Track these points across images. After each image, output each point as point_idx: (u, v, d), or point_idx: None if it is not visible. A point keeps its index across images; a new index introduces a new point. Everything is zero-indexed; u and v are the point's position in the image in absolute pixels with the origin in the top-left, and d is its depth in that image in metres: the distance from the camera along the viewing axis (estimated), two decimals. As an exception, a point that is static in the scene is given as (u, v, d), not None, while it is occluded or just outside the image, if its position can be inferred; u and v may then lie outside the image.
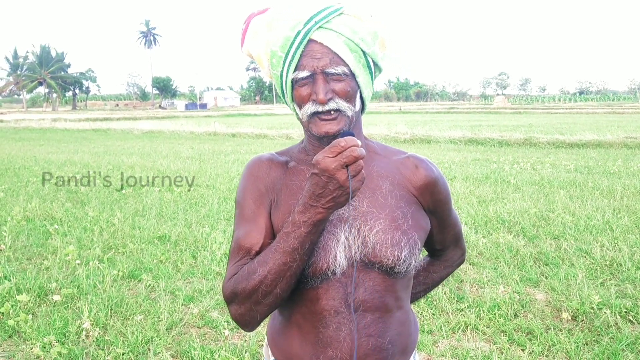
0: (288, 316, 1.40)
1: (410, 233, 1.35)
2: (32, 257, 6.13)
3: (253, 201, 1.39)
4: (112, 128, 32.29)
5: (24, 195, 9.80)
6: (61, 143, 22.65)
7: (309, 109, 1.29)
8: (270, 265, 1.23)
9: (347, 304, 1.33)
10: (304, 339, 1.37)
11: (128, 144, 21.65)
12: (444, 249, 1.61)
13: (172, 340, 4.09)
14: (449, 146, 18.97)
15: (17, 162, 15.22)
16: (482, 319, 4.32)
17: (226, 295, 1.33)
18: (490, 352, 3.77)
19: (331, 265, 1.30)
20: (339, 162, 1.13)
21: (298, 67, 1.28)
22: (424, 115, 50.79)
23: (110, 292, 4.91)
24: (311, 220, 1.19)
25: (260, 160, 1.44)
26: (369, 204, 1.35)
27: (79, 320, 4.36)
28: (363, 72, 1.32)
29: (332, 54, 1.27)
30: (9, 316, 4.43)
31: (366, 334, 1.33)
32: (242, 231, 1.37)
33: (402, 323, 1.41)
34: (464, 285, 5.02)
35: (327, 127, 1.29)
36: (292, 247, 1.21)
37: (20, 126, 36.48)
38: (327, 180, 1.15)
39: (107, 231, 7.06)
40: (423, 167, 1.42)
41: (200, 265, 5.71)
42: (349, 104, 1.30)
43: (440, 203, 1.46)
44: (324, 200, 1.17)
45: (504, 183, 10.41)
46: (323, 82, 1.27)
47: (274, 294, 1.26)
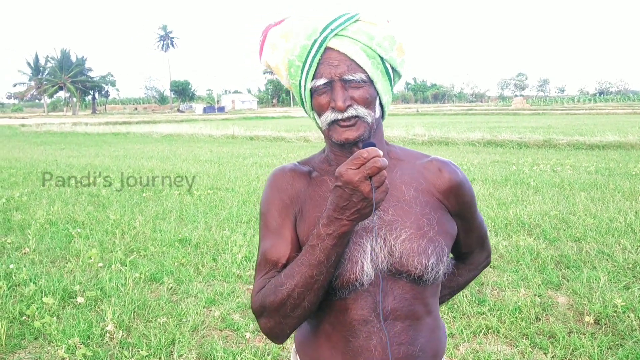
0: (316, 325, 1.40)
1: (437, 240, 1.34)
2: (56, 260, 6.22)
3: (278, 213, 1.39)
4: (131, 131, 32.58)
5: (47, 198, 9.93)
6: (82, 147, 22.91)
7: (329, 117, 1.30)
8: (297, 278, 1.24)
9: (377, 313, 1.33)
10: (333, 348, 1.37)
11: (148, 148, 21.83)
12: (470, 252, 1.60)
13: (195, 342, 4.12)
14: (468, 148, 18.87)
15: (39, 165, 15.42)
16: (503, 322, 4.30)
17: (255, 309, 1.33)
18: (512, 356, 3.76)
19: (358, 276, 1.30)
20: (362, 173, 1.13)
21: (316, 76, 1.29)
22: (441, 117, 50.58)
23: (133, 295, 4.97)
24: (336, 233, 1.19)
25: (283, 171, 1.44)
26: (394, 213, 1.34)
27: (103, 322, 4.42)
28: (381, 78, 1.32)
29: (350, 61, 1.27)
30: (35, 318, 4.50)
31: (397, 342, 1.34)
32: (268, 244, 1.38)
33: (431, 329, 1.41)
34: (485, 289, 5.01)
35: (346, 134, 1.29)
36: (318, 260, 1.22)
37: (41, 130, 36.94)
38: (351, 193, 1.14)
39: (128, 234, 7.14)
40: (447, 170, 1.41)
41: (221, 268, 5.75)
42: (368, 110, 1.30)
43: (466, 206, 1.45)
44: (349, 213, 1.17)
45: (524, 185, 10.34)
46: (341, 89, 1.27)
47: (302, 307, 1.26)
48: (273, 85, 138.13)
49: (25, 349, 4.11)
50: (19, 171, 14.17)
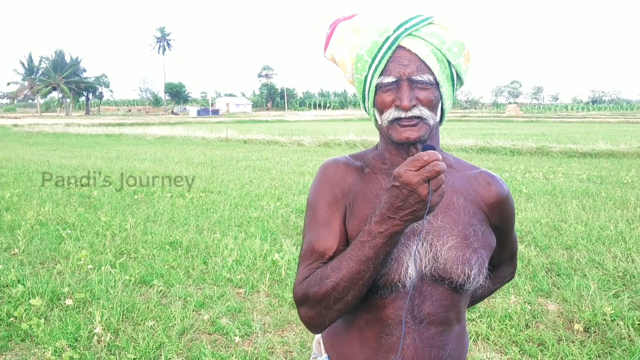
0: (351, 319, 1.41)
1: (480, 252, 1.35)
2: (45, 261, 6.18)
3: (328, 205, 1.39)
4: (124, 133, 32.48)
5: (37, 199, 9.88)
6: (74, 148, 22.82)
7: (391, 115, 1.30)
8: (344, 272, 1.24)
9: (413, 315, 1.35)
10: (365, 343, 1.38)
11: (140, 150, 21.77)
12: (499, 266, 1.62)
13: (183, 346, 4.10)
14: (461, 154, 18.89)
15: (30, 166, 15.34)
16: (493, 329, 4.30)
17: (297, 298, 1.34)
18: (501, 363, 3.75)
19: (402, 277, 1.31)
20: (421, 176, 1.12)
21: (384, 73, 1.29)
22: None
23: (122, 297, 4.94)
24: (388, 232, 1.19)
25: (337, 164, 1.44)
26: (443, 219, 1.35)
27: (91, 325, 4.38)
28: (447, 82, 1.33)
29: (420, 61, 1.28)
30: (22, 320, 4.47)
31: (429, 344, 1.36)
32: (315, 234, 1.38)
33: (459, 336, 1.44)
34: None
35: (407, 133, 1.30)
36: (367, 257, 1.22)
37: (34, 131, 36.79)
38: (408, 194, 1.14)
39: (119, 236, 7.11)
40: (495, 184, 1.44)
41: (212, 272, 5.72)
42: (432, 112, 1.31)
43: (507, 221, 1.48)
44: (403, 213, 1.17)
45: (516, 192, 10.36)
46: (408, 88, 1.28)
47: (344, 301, 1.27)
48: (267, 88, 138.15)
49: (12, 351, 4.08)
50: (10, 171, 14.08)
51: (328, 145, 22.49)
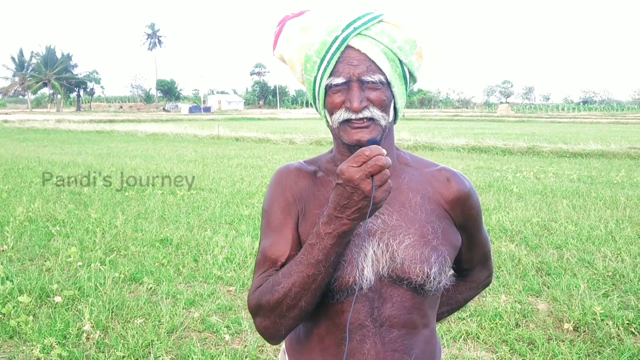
0: (310, 327, 1.38)
1: (440, 249, 1.31)
2: (34, 258, 6.14)
3: (280, 211, 1.37)
4: (115, 130, 32.33)
5: (27, 195, 9.80)
6: (65, 144, 22.69)
7: (341, 116, 1.27)
8: (295, 277, 1.21)
9: (373, 319, 1.30)
10: (325, 350, 1.35)
11: (131, 146, 21.67)
12: (471, 269, 1.56)
13: (173, 344, 4.08)
14: (452, 154, 18.95)
15: (20, 162, 15.24)
16: (483, 328, 4.30)
17: (251, 308, 1.31)
18: (491, 362, 3.76)
19: (358, 279, 1.27)
20: (363, 171, 1.10)
21: (333, 73, 1.26)
22: (427, 122, 50.77)
23: (112, 295, 4.91)
24: (336, 232, 1.16)
25: (288, 169, 1.42)
26: (399, 218, 1.32)
27: (80, 322, 4.35)
28: (399, 82, 1.29)
29: (370, 61, 1.24)
30: (10, 317, 4.43)
31: (392, 349, 1.31)
32: (268, 242, 1.35)
33: (427, 341, 1.39)
34: (466, 294, 5.01)
35: (359, 135, 1.26)
36: (317, 259, 1.18)
37: (24, 126, 36.54)
38: (352, 191, 1.11)
39: (109, 233, 7.07)
40: (455, 181, 1.40)
41: (202, 269, 5.70)
42: (383, 113, 1.27)
43: (471, 219, 1.42)
44: (349, 212, 1.14)
45: (507, 192, 10.40)
46: (358, 89, 1.24)
47: (298, 307, 1.23)
48: (260, 86, 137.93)
49: (0, 348, 4.04)
50: (0, 167, 13.99)
51: (320, 144, 22.46)
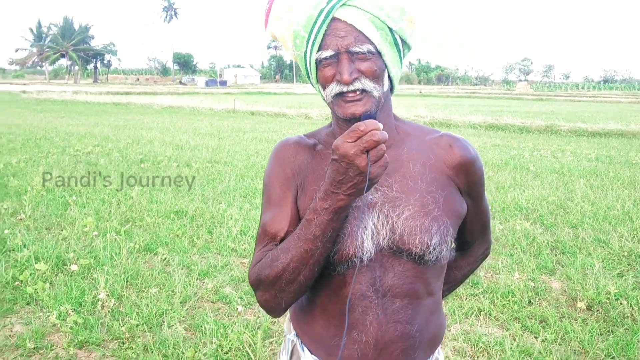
0: (313, 299, 1.37)
1: (442, 219, 1.29)
2: (51, 227, 6.21)
3: (279, 186, 1.36)
4: (132, 102, 32.43)
5: (44, 165, 9.90)
6: (82, 116, 22.80)
7: (333, 90, 1.24)
8: (293, 252, 1.21)
9: (375, 289, 1.29)
10: (328, 321, 1.34)
11: (148, 119, 21.74)
12: (472, 241, 1.53)
13: (186, 313, 4.12)
14: (469, 131, 18.80)
15: (38, 132, 15.36)
16: (495, 305, 4.30)
17: (251, 282, 1.31)
18: (502, 338, 3.76)
19: (358, 252, 1.26)
20: (358, 147, 1.08)
21: (322, 47, 1.23)
22: (444, 99, 50.35)
23: (126, 264, 4.96)
24: (332, 208, 1.15)
25: (287, 144, 1.41)
26: (398, 189, 1.29)
27: (95, 290, 4.41)
28: (390, 50, 1.26)
29: (357, 32, 1.22)
30: (27, 284, 4.50)
31: (394, 319, 1.30)
32: (268, 216, 1.35)
33: (431, 312, 1.37)
34: (479, 271, 5.00)
35: (352, 109, 1.24)
36: (314, 235, 1.18)
37: (42, 97, 36.76)
38: (347, 167, 1.10)
39: (124, 204, 7.12)
40: (458, 146, 1.36)
41: (216, 241, 5.74)
42: (376, 84, 1.24)
43: (475, 185, 1.39)
44: (345, 187, 1.12)
45: (523, 170, 10.31)
46: (347, 61, 1.22)
47: (297, 282, 1.23)
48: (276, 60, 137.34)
49: (17, 314, 4.11)
50: (18, 137, 14.12)
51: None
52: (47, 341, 3.70)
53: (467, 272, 1.61)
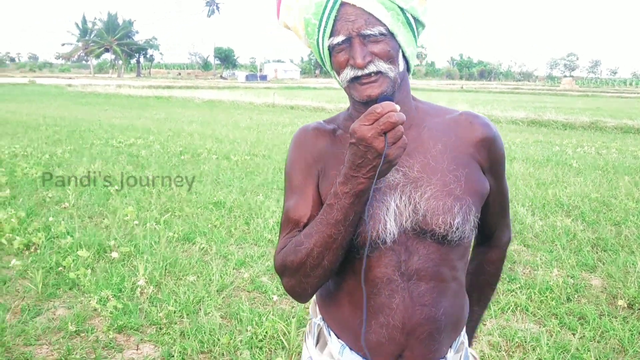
0: (339, 283, 1.37)
1: (464, 198, 1.28)
2: (93, 215, 6.36)
3: (300, 172, 1.37)
4: (173, 96, 32.92)
5: (88, 156, 10.15)
6: (125, 108, 23.26)
7: (348, 74, 1.24)
8: (316, 238, 1.21)
9: (401, 272, 1.29)
10: (354, 305, 1.34)
11: (189, 112, 22.05)
12: (494, 226, 1.50)
13: (222, 301, 4.18)
14: (511, 127, 18.51)
15: (82, 124, 15.74)
16: (533, 300, 4.24)
17: (277, 268, 1.32)
18: (539, 334, 3.70)
19: (381, 234, 1.25)
20: (375, 129, 1.07)
21: (333, 33, 1.23)
22: (486, 95, 49.62)
23: (165, 253, 5.06)
24: (353, 191, 1.15)
25: (306, 130, 1.41)
26: (420, 169, 1.29)
27: (135, 277, 4.51)
28: (403, 29, 1.25)
29: (367, 14, 1.20)
30: (70, 269, 4.63)
31: (420, 303, 1.29)
32: (290, 203, 1.36)
33: (456, 294, 1.36)
34: (517, 267, 4.94)
35: (368, 91, 1.23)
36: (336, 219, 1.18)
37: (86, 91, 37.63)
38: (365, 150, 1.10)
39: (164, 194, 7.25)
40: (478, 123, 1.35)
41: (253, 232, 5.79)
42: (390, 64, 1.23)
43: (497, 163, 1.38)
44: (364, 170, 1.12)
45: (566, 166, 10.11)
46: (360, 45, 1.21)
47: (322, 267, 1.23)
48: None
49: (60, 298, 4.24)
50: (63, 129, 14.50)
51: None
52: (87, 325, 3.80)
53: (499, 265, 1.59)
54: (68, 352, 3.43)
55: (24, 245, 5.13)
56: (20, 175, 8.20)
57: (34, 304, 4.12)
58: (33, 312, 3.98)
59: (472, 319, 1.55)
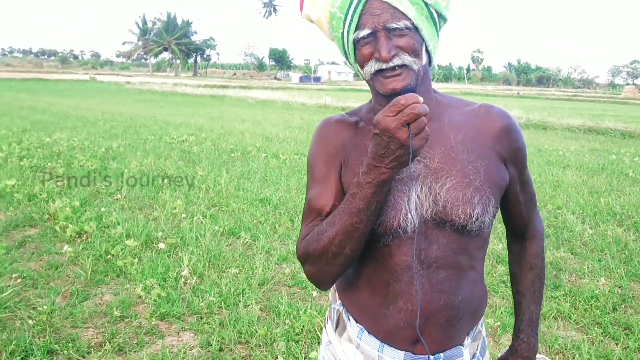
0: (359, 269, 1.40)
1: (484, 189, 1.30)
2: (143, 207, 6.55)
3: (323, 163, 1.40)
4: (228, 95, 33.46)
5: (142, 151, 10.44)
6: (180, 106, 23.79)
7: (372, 67, 1.26)
8: (338, 226, 1.23)
9: (420, 260, 1.31)
10: (374, 292, 1.37)
11: (241, 111, 22.36)
12: (527, 217, 1.50)
13: (263, 295, 4.25)
14: (566, 134, 18.05)
15: (138, 121, 16.18)
16: (577, 308, 4.14)
17: (299, 256, 1.35)
18: (580, 342, 3.62)
19: (402, 223, 1.28)
20: (399, 120, 1.09)
21: (358, 27, 1.25)
22: (543, 101, 48.50)
23: (210, 245, 5.17)
24: (376, 181, 1.18)
25: (329, 122, 1.44)
26: (440, 160, 1.31)
27: (179, 267, 4.63)
28: (427, 24, 1.27)
29: (393, 9, 1.22)
30: (118, 257, 4.79)
31: (439, 290, 1.32)
32: (313, 192, 1.39)
33: (474, 283, 1.38)
34: (562, 274, 4.83)
35: (392, 84, 1.25)
36: (358, 208, 1.20)
37: (144, 88, 38.65)
38: (389, 140, 1.12)
39: (213, 190, 7.40)
40: (496, 113, 1.37)
41: (297, 229, 5.85)
42: (415, 57, 1.25)
43: (518, 152, 1.39)
44: (387, 160, 1.15)
45: (622, 175, 9.80)
46: (385, 38, 1.23)
47: (343, 255, 1.26)
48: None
49: (108, 285, 4.39)
50: (120, 124, 14.94)
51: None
52: (132, 311, 3.93)
53: (543, 256, 1.56)
54: (112, 336, 3.55)
55: (76, 233, 5.33)
56: (77, 167, 8.51)
57: (82, 288, 4.28)
58: (81, 296, 4.14)
59: (532, 318, 1.53)
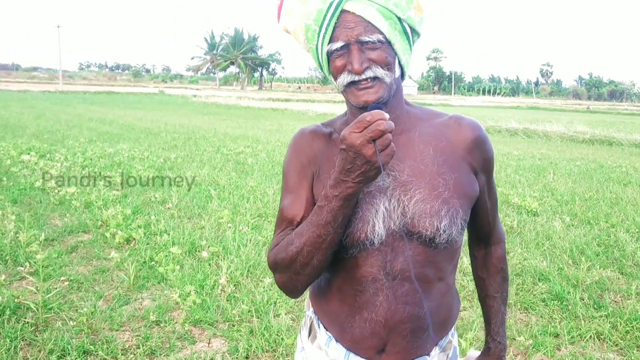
0: (330, 279, 1.44)
1: (452, 201, 1.31)
2: (192, 217, 6.74)
3: (296, 173, 1.43)
4: (289, 108, 33.90)
5: (198, 162, 10.73)
6: (241, 119, 24.30)
7: (345, 79, 1.29)
8: (306, 237, 1.26)
9: (386, 272, 1.33)
10: (343, 301, 1.40)
11: (301, 124, 22.56)
12: (489, 227, 1.53)
13: (295, 305, 4.30)
14: (633, 150, 17.37)
15: (198, 132, 16.64)
16: (617, 330, 3.99)
17: (270, 264, 1.39)
18: (616, 365, 3.50)
19: (369, 235, 1.30)
20: (364, 137, 1.12)
21: (332, 39, 1.28)
22: (614, 116, 46.83)
23: (249, 255, 5.26)
24: (342, 195, 1.20)
25: (304, 133, 1.48)
26: (410, 173, 1.33)
27: (217, 275, 4.74)
28: (399, 38, 1.29)
29: (366, 22, 1.25)
30: (161, 264, 4.95)
31: (403, 301, 1.34)
32: (285, 202, 1.43)
33: (442, 294, 1.39)
34: (607, 294, 4.67)
35: (365, 97, 1.28)
36: (326, 221, 1.23)
37: (209, 101, 39.68)
38: (355, 156, 1.15)
39: (261, 200, 7.53)
40: (466, 125, 1.39)
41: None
42: (387, 71, 1.28)
43: (487, 162, 1.41)
44: (353, 175, 1.17)
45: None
46: (358, 51, 1.26)
47: (311, 265, 1.29)
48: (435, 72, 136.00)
49: (148, 290, 4.54)
50: (181, 136, 15.41)
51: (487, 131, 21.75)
52: (167, 316, 4.06)
53: (506, 258, 1.59)
54: (146, 339, 3.68)
55: (124, 239, 5.55)
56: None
57: (124, 293, 4.45)
58: (122, 300, 4.31)
59: (503, 320, 1.58)
